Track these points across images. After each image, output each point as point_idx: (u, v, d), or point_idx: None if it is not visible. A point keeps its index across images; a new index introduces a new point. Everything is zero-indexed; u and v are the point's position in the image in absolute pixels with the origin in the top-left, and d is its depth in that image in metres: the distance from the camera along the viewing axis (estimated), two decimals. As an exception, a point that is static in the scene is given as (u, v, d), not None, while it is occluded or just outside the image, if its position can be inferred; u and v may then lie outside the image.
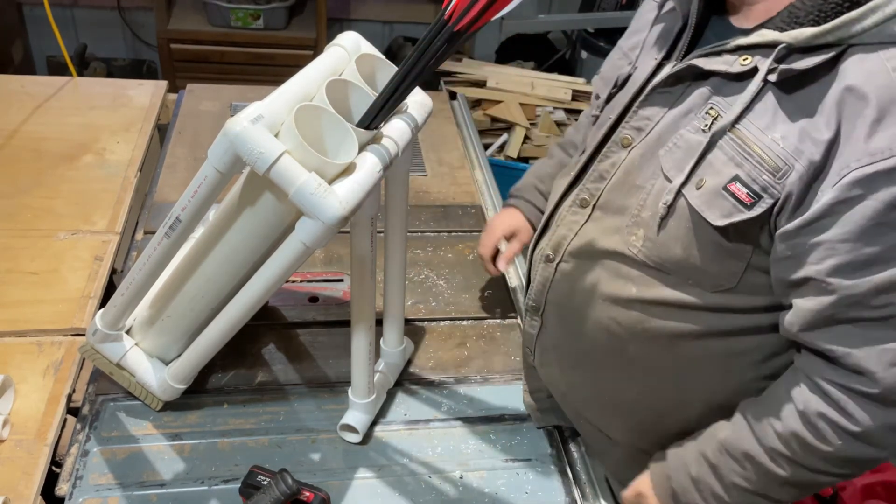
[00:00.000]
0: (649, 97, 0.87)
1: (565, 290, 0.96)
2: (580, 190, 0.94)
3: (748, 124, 0.77)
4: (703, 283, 0.85)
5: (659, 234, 0.84)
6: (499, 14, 0.76)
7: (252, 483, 0.93)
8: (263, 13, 3.04)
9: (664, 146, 0.84)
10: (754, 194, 0.77)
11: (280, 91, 0.82)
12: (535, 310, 1.02)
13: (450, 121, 1.93)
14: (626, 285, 0.89)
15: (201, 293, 0.98)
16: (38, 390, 1.08)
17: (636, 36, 0.97)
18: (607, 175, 0.91)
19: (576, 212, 0.94)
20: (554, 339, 1.01)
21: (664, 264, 0.85)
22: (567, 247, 0.95)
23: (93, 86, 1.89)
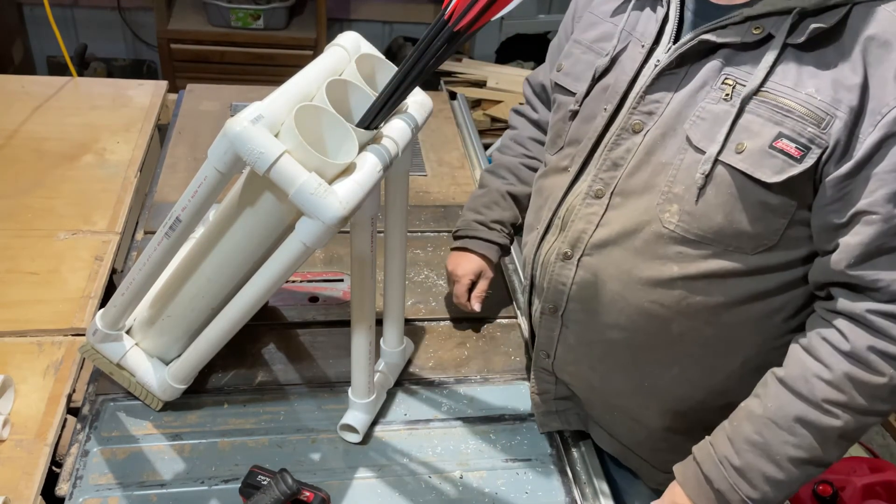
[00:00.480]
0: (655, 81, 0.89)
1: (593, 283, 0.96)
2: (592, 181, 0.94)
3: (776, 86, 0.81)
4: (745, 247, 0.86)
5: (697, 205, 0.85)
6: (499, 14, 0.76)
7: (252, 483, 0.93)
8: (263, 13, 3.04)
9: (687, 121, 0.86)
10: (803, 147, 0.80)
11: (280, 91, 0.82)
12: (554, 311, 1.01)
13: (450, 121, 1.93)
14: (665, 265, 0.90)
15: (201, 293, 0.98)
16: (38, 390, 1.08)
17: (596, 28, 0.99)
18: (623, 161, 0.91)
19: (591, 203, 0.94)
20: (581, 336, 1.00)
21: (705, 235, 0.86)
22: (588, 240, 0.94)
23: (93, 86, 1.89)
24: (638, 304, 0.92)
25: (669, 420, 1.00)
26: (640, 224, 0.90)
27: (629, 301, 0.93)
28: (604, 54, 0.96)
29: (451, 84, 2.97)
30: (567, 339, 1.02)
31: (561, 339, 1.03)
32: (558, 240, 0.98)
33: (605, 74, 0.96)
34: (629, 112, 0.91)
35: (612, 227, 0.92)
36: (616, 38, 0.95)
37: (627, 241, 0.91)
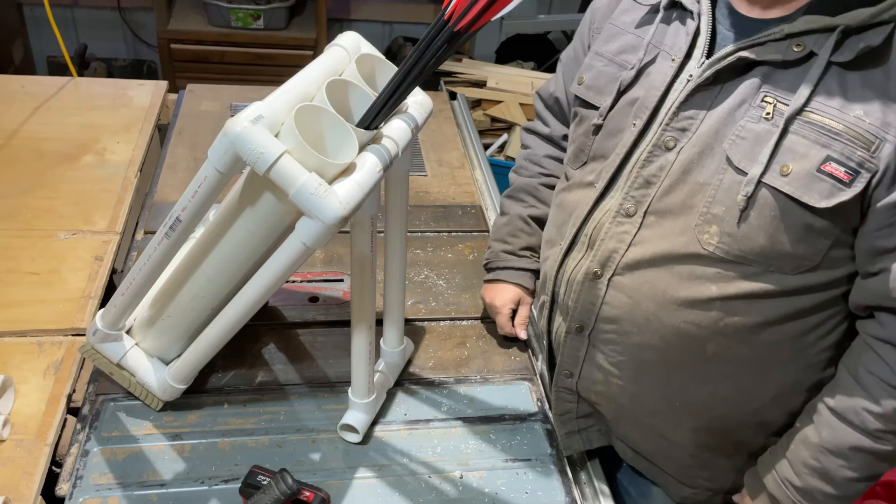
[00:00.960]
0: (689, 98, 0.87)
1: (625, 303, 0.93)
2: (623, 199, 0.92)
3: (821, 106, 0.79)
4: (786, 267, 0.85)
5: (739, 227, 0.84)
6: (499, 14, 0.76)
7: (252, 483, 0.93)
8: (264, 13, 3.04)
9: (725, 140, 0.84)
10: (852, 171, 0.78)
11: (280, 91, 0.82)
12: (580, 330, 0.99)
13: (450, 121, 1.93)
14: (703, 286, 0.88)
15: (201, 293, 0.98)
16: (38, 390, 1.08)
17: (619, 40, 0.96)
18: (656, 180, 0.89)
19: (622, 222, 0.92)
20: (610, 356, 0.98)
21: (746, 256, 0.85)
22: (620, 259, 0.92)
23: (93, 86, 1.89)
24: (673, 325, 0.91)
25: (701, 437, 0.99)
26: (676, 245, 0.88)
27: (663, 321, 0.91)
28: (628, 67, 0.94)
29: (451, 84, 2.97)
30: (594, 359, 1.00)
31: (587, 358, 1.01)
32: (586, 258, 0.95)
33: (631, 87, 0.94)
34: (661, 128, 0.89)
35: (647, 248, 0.90)
36: (642, 51, 0.93)
37: (663, 262, 0.89)
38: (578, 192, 1.00)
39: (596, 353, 0.99)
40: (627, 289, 0.93)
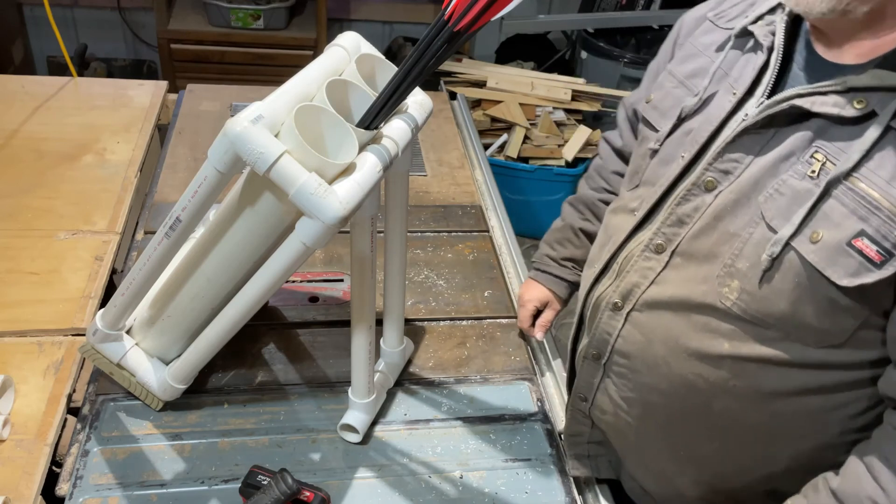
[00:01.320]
0: (738, 138, 0.81)
1: (639, 341, 0.90)
2: (654, 234, 0.87)
3: (869, 174, 0.72)
4: (807, 339, 0.79)
5: (760, 288, 0.78)
6: (499, 14, 0.76)
7: (252, 483, 0.93)
8: (264, 13, 3.04)
9: (763, 192, 0.78)
10: (885, 252, 0.71)
11: (280, 91, 0.82)
12: (597, 358, 0.96)
13: (450, 121, 1.93)
14: (715, 340, 0.83)
15: (201, 293, 0.98)
16: (38, 390, 1.08)
17: (693, 62, 0.90)
18: (689, 220, 0.84)
19: (649, 257, 0.88)
20: (621, 389, 0.95)
21: (764, 319, 0.79)
22: (641, 295, 0.89)
23: (93, 86, 1.89)
24: (681, 373, 0.87)
25: (706, 492, 0.95)
26: (696, 292, 0.83)
27: (672, 368, 0.87)
28: (694, 93, 0.88)
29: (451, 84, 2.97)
30: (607, 388, 0.97)
31: (601, 387, 0.98)
32: (611, 286, 0.92)
33: (692, 116, 0.88)
34: (705, 167, 0.83)
35: (667, 289, 0.86)
36: (708, 78, 0.87)
37: (680, 307, 0.85)
38: (622, 216, 0.95)
39: (609, 384, 0.96)
40: (643, 327, 0.89)
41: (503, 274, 1.43)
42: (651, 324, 0.88)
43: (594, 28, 3.29)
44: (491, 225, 1.56)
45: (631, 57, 3.15)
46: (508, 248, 1.50)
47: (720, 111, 0.84)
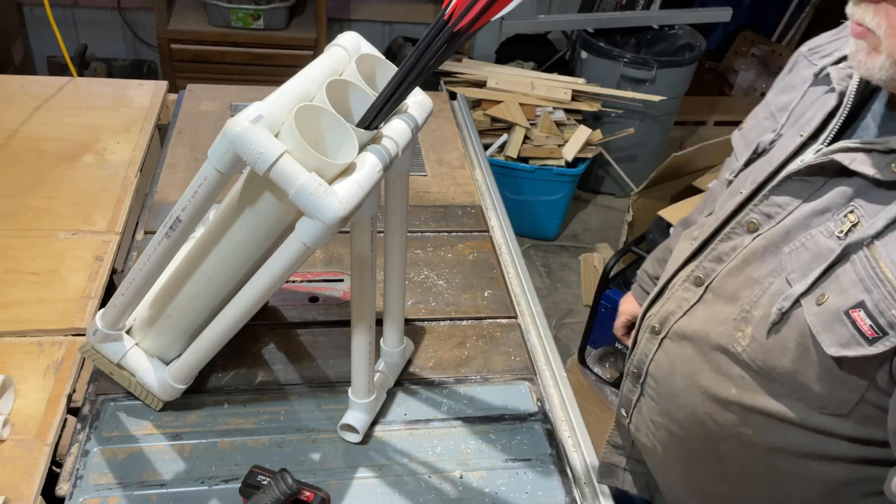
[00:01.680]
0: (784, 183, 0.78)
1: (666, 367, 0.91)
2: (696, 266, 0.87)
3: (889, 244, 0.68)
4: (811, 402, 0.77)
5: (768, 339, 0.77)
6: (499, 14, 0.76)
7: (252, 483, 0.93)
8: (264, 13, 3.04)
9: (790, 243, 0.76)
10: (878, 329, 0.67)
11: (280, 91, 0.82)
12: (637, 377, 0.97)
13: (450, 121, 1.93)
14: (725, 384, 0.82)
15: (201, 293, 0.98)
16: (38, 390, 1.08)
17: (787, 95, 0.87)
18: (726, 258, 0.83)
19: (688, 288, 0.88)
20: (651, 411, 0.96)
21: (769, 372, 0.78)
22: (674, 324, 0.89)
23: (93, 86, 1.89)
24: (694, 410, 0.87)
25: None
26: (715, 332, 0.83)
27: (687, 403, 0.87)
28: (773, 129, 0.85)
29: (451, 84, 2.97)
30: (641, 408, 0.98)
31: (637, 405, 0.99)
32: (655, 310, 0.93)
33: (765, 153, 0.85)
34: (751, 207, 0.81)
35: (693, 322, 0.86)
36: (786, 116, 0.84)
37: (701, 343, 0.85)
38: (685, 243, 0.94)
39: (643, 404, 0.98)
40: (670, 355, 0.90)
41: (503, 274, 1.43)
42: (676, 354, 0.89)
43: (594, 28, 3.29)
44: (491, 225, 1.56)
45: (631, 57, 3.15)
46: (508, 248, 1.51)
47: (783, 152, 0.81)
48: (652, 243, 2.15)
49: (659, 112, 3.25)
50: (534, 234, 3.20)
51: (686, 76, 3.28)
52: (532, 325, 1.33)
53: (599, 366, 2.37)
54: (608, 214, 3.40)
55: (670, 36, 3.42)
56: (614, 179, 3.43)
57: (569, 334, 2.74)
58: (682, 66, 3.21)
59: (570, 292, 2.95)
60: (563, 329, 2.78)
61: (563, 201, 3.05)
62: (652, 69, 3.13)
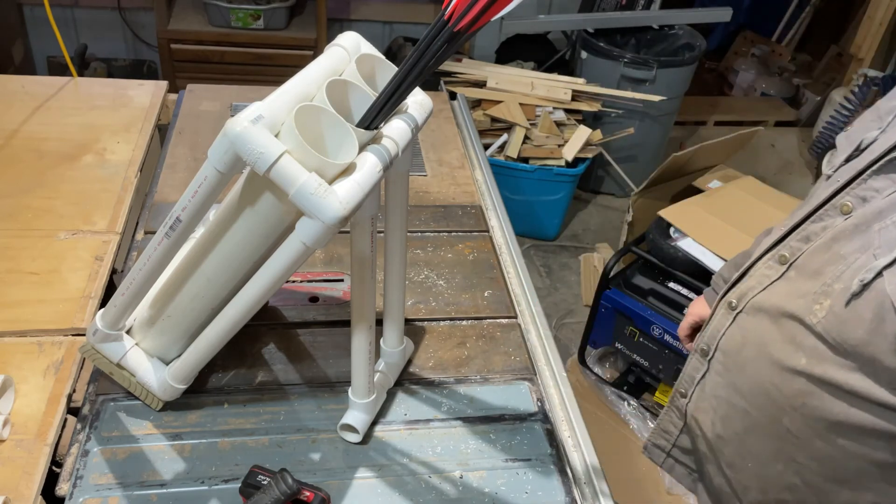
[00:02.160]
0: (884, 167, 0.80)
1: (737, 340, 0.93)
2: (782, 246, 0.90)
3: None
4: (879, 377, 0.78)
5: (846, 309, 0.79)
6: (499, 14, 0.76)
7: (252, 483, 0.93)
8: (264, 13, 3.04)
9: (881, 221, 0.78)
10: None
11: (280, 91, 0.82)
12: (705, 353, 0.99)
13: (450, 121, 1.93)
14: (795, 353, 0.84)
15: (201, 293, 0.98)
16: (38, 390, 1.08)
17: None
18: (814, 237, 0.86)
19: (771, 266, 0.91)
20: (715, 387, 0.98)
21: (842, 343, 0.80)
22: (751, 299, 0.92)
23: (93, 86, 1.89)
24: (761, 381, 0.89)
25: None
26: (793, 304, 0.85)
27: (755, 373, 0.90)
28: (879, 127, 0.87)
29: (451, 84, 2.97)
30: (704, 385, 1.00)
31: (701, 382, 1.01)
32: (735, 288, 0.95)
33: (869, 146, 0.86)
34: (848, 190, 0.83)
35: (772, 296, 0.89)
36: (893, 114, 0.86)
37: (776, 315, 0.87)
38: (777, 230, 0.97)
39: (707, 380, 1.00)
40: (743, 329, 0.92)
41: (503, 274, 1.43)
42: (749, 326, 0.92)
43: (594, 28, 3.29)
44: (491, 225, 1.56)
45: (631, 57, 3.15)
46: (508, 248, 1.51)
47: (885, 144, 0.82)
48: (652, 243, 2.15)
49: (659, 112, 3.25)
50: (534, 234, 3.20)
51: (686, 76, 3.28)
52: (532, 325, 1.33)
53: (599, 366, 2.37)
54: (608, 214, 3.40)
55: (670, 36, 3.42)
56: (614, 179, 3.43)
57: (569, 334, 2.74)
58: (682, 66, 3.21)
59: (570, 292, 2.95)
60: (563, 329, 2.78)
61: (563, 201, 3.05)
62: (652, 69, 3.13)
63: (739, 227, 2.13)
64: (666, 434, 1.09)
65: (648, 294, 2.13)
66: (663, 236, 2.14)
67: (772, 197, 2.33)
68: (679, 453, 1.09)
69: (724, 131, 3.12)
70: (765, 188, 2.39)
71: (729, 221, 2.15)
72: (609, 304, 2.17)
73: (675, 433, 1.08)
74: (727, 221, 2.15)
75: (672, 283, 2.10)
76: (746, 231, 2.11)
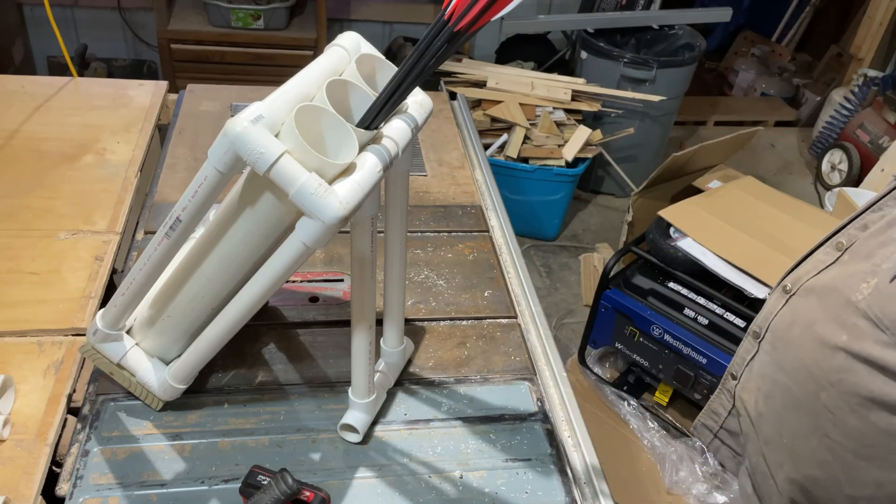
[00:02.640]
0: None
1: (787, 320, 0.97)
2: (841, 234, 0.93)
3: None
4: None
5: (889, 285, 0.82)
6: (499, 14, 0.76)
7: (252, 483, 0.93)
8: (264, 13, 3.04)
9: None
10: None
11: (280, 91, 0.82)
12: (756, 335, 1.03)
13: (450, 121, 1.93)
14: (837, 330, 0.87)
15: (202, 293, 0.98)
16: (38, 390, 1.08)
17: None
18: (871, 225, 0.89)
19: (828, 252, 0.94)
20: (762, 366, 1.01)
21: (883, 319, 0.82)
22: (805, 282, 0.95)
23: (93, 86, 1.89)
24: (803, 356, 0.92)
25: (794, 493, 0.97)
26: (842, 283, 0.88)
27: (798, 350, 0.93)
28: None
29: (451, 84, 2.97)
30: (753, 365, 1.04)
31: (750, 363, 1.04)
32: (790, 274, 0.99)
33: None
34: None
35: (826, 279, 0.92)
36: None
37: (825, 295, 0.91)
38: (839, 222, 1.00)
39: (756, 361, 1.03)
40: (794, 309, 0.96)
41: (503, 274, 1.43)
42: (800, 307, 0.95)
43: (594, 28, 3.29)
44: (491, 225, 1.56)
45: (631, 57, 3.15)
46: (508, 248, 1.51)
47: None
48: (652, 243, 2.15)
49: (659, 112, 3.25)
50: (534, 234, 3.20)
51: (686, 76, 3.28)
52: (532, 325, 1.33)
53: (599, 366, 2.37)
54: (608, 214, 3.40)
55: (670, 36, 3.42)
56: (614, 179, 3.43)
57: (569, 334, 2.74)
58: (682, 66, 3.21)
59: (570, 292, 2.95)
60: (563, 329, 2.78)
61: (563, 201, 3.05)
62: (652, 69, 3.13)
63: (739, 227, 2.13)
64: (715, 415, 1.12)
65: (648, 294, 2.13)
66: (663, 236, 2.14)
67: (772, 197, 2.33)
68: (725, 435, 1.12)
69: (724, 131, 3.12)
70: (765, 188, 2.39)
71: (729, 221, 2.15)
72: (609, 304, 2.17)
73: (724, 414, 1.11)
74: (727, 221, 2.15)
75: (672, 283, 2.10)
76: (746, 231, 2.11)
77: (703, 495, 1.98)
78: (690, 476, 2.02)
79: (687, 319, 2.04)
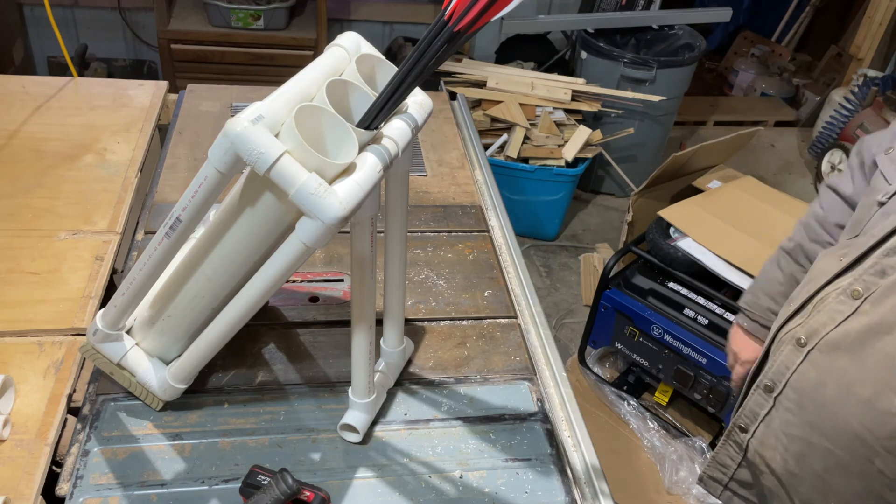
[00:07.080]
0: None
1: (812, 379, 0.91)
2: (854, 280, 0.88)
3: None
4: None
5: None
6: (499, 14, 0.76)
7: (252, 483, 0.93)
8: (264, 14, 3.04)
9: None
10: None
11: (280, 91, 0.82)
12: (769, 389, 0.97)
13: (450, 121, 1.93)
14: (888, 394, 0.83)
15: (202, 293, 0.98)
16: (38, 390, 1.08)
17: None
18: (892, 272, 0.85)
19: (843, 301, 0.89)
20: (787, 425, 0.96)
21: None
22: (825, 336, 0.90)
23: (93, 86, 1.89)
24: (847, 421, 0.87)
25: None
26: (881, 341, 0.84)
27: (840, 413, 0.88)
28: None
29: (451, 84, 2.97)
30: (772, 422, 0.99)
31: (766, 419, 0.99)
32: (800, 324, 0.94)
33: None
34: None
35: (852, 332, 0.87)
36: None
37: (858, 352, 0.86)
38: (829, 260, 0.95)
39: (775, 417, 0.98)
40: (820, 367, 0.90)
41: (503, 274, 1.43)
42: (828, 365, 0.89)
43: (594, 28, 3.29)
44: (491, 225, 1.56)
45: (631, 57, 3.15)
46: (508, 248, 1.51)
47: None
48: (652, 243, 2.15)
49: (659, 112, 3.25)
50: (534, 234, 3.21)
51: (686, 76, 3.28)
52: (532, 325, 1.33)
53: (599, 366, 2.38)
54: (608, 214, 3.40)
55: (670, 36, 3.42)
56: (614, 179, 3.43)
57: (569, 334, 2.74)
58: (682, 66, 3.21)
59: (570, 292, 2.95)
60: (563, 329, 2.78)
61: (563, 201, 3.05)
62: (652, 69, 3.13)
63: (739, 227, 2.13)
64: (723, 467, 1.07)
65: (648, 294, 2.14)
66: (663, 236, 2.14)
67: (771, 197, 2.34)
68: (737, 486, 1.07)
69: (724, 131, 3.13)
70: (765, 188, 2.39)
71: (729, 221, 2.15)
72: (609, 304, 2.17)
73: (734, 466, 1.06)
74: (727, 221, 2.15)
75: (672, 283, 2.10)
76: (746, 231, 2.11)
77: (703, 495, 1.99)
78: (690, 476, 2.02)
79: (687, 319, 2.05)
